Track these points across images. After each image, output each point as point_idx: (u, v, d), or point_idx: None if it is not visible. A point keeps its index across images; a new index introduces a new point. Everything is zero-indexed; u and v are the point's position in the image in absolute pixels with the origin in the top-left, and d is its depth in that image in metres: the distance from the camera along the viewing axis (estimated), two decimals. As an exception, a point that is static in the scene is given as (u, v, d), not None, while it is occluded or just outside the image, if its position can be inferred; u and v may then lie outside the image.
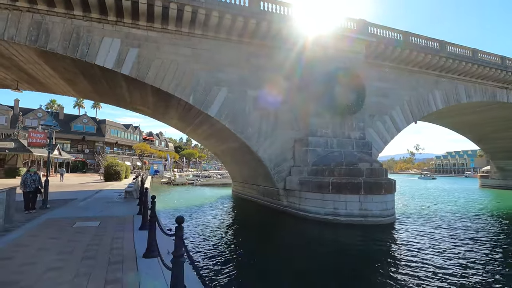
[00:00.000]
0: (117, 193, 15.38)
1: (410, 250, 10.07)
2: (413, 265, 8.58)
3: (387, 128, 21.04)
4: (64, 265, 4.10)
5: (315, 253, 10.30)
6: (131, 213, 8.84)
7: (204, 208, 19.99)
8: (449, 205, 22.60)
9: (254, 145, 16.92)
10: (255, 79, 17.37)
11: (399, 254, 9.81)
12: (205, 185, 43.06)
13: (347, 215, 14.10)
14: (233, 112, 16.60)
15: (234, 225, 15.10)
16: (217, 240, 11.45)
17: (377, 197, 14.15)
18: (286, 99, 18.05)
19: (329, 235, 12.61)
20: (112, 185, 21.22)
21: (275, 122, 17.62)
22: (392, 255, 9.83)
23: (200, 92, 15.97)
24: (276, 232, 13.69)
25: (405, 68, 21.93)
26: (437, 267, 8.39)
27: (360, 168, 14.66)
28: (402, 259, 9.15)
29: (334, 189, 14.35)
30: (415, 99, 22.48)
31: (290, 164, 17.78)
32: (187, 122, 21.09)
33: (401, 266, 8.49)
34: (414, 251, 9.93)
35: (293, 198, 16.61)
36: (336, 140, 17.32)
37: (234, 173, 26.30)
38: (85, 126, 50.91)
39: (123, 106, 23.31)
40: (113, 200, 12.41)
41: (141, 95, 18.34)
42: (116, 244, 5.29)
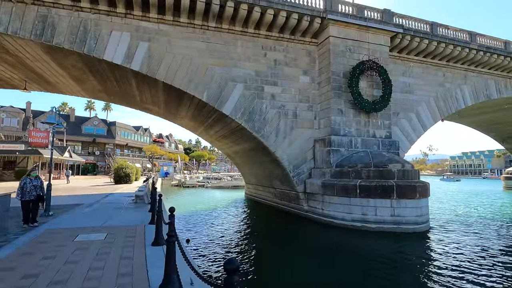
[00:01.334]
0: (127, 197, 14.44)
1: (458, 266, 8.69)
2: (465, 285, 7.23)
3: (413, 126, 19.54)
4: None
5: (344, 264, 9.03)
6: (142, 222, 7.78)
7: (217, 212, 18.90)
8: (486, 209, 20.84)
9: (272, 145, 15.74)
10: (273, 74, 16.22)
11: (444, 269, 8.44)
12: (216, 188, 42.10)
13: (377, 222, 12.75)
14: (249, 110, 15.47)
15: (251, 231, 13.94)
16: (233, 248, 10.30)
17: (411, 201, 12.75)
18: (305, 95, 16.84)
19: (358, 245, 11.28)
20: (122, 188, 20.39)
21: (294, 120, 16.41)
22: (436, 271, 8.46)
23: (214, 88, 14.92)
24: (298, 240, 12.46)
25: (431, 62, 20.41)
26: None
27: (391, 169, 13.29)
28: (449, 277, 7.80)
29: (362, 193, 13.03)
30: (442, 95, 20.91)
31: (310, 165, 16.52)
32: (199, 122, 20.09)
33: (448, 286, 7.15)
34: (463, 267, 8.55)
35: (315, 203, 15.34)
36: (361, 139, 15.97)
37: (247, 175, 25.17)
38: (96, 128, 50.72)
39: (133, 105, 22.50)
40: (122, 205, 11.43)
41: (151, 93, 17.41)
42: (124, 267, 4.20)
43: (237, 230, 14.03)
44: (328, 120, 16.02)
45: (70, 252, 4.88)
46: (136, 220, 8.09)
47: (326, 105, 16.28)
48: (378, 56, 16.84)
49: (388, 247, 10.84)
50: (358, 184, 13.14)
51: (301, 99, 16.73)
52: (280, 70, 16.39)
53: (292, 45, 16.74)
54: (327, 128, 16.01)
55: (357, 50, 16.71)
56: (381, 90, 16.61)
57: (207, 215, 17.60)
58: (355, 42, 16.67)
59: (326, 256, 10.11)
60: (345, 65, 16.30)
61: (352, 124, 16.15)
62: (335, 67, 16.08)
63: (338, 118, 15.87)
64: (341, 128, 15.87)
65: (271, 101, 16.04)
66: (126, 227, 7.10)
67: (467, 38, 20.46)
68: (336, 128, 15.75)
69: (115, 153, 51.57)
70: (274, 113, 16.00)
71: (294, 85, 16.64)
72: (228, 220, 16.33)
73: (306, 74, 16.97)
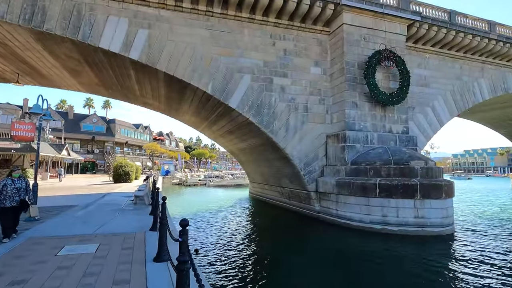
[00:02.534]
0: (126, 197, 13.37)
1: (496, 277, 7.60)
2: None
3: (429, 121, 18.42)
4: None
5: (369, 274, 7.95)
6: (142, 228, 6.70)
7: (223, 213, 17.82)
8: (510, 209, 19.73)
9: (281, 141, 14.64)
10: (282, 65, 15.08)
11: (483, 279, 7.36)
12: (218, 186, 41.07)
13: (399, 224, 11.67)
14: (257, 103, 14.36)
15: (261, 235, 12.87)
16: (245, 255, 9.22)
17: (437, 202, 11.65)
18: (316, 88, 15.72)
19: (381, 250, 10.17)
20: (121, 187, 19.31)
21: (304, 114, 15.30)
22: (474, 281, 7.38)
23: (219, 80, 13.80)
24: (313, 244, 11.38)
25: (448, 53, 19.25)
26: None
27: (414, 167, 12.19)
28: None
29: (382, 192, 11.93)
30: (459, 89, 19.77)
31: (322, 163, 15.42)
32: (202, 117, 18.98)
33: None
34: (502, 278, 7.46)
35: (328, 203, 14.25)
36: (377, 134, 14.86)
37: (252, 173, 24.08)
38: (95, 125, 49.61)
39: (132, 100, 21.38)
40: (120, 207, 10.34)
41: (151, 86, 16.29)
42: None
43: (246, 233, 12.95)
44: (341, 114, 14.89)
45: (48, 273, 3.78)
46: (135, 226, 7.01)
47: (339, 98, 15.16)
48: (394, 46, 15.69)
49: (415, 253, 9.75)
50: (377, 183, 12.04)
51: (312, 92, 15.61)
52: (290, 60, 15.26)
53: (303, 34, 15.60)
54: (341, 123, 14.89)
55: (372, 39, 15.57)
56: (398, 82, 15.49)
57: (213, 217, 16.53)
58: (370, 31, 15.53)
59: (348, 263, 9.03)
60: (360, 55, 15.17)
61: (368, 119, 15.03)
62: (349, 57, 14.95)
63: (352, 112, 14.75)
64: (356, 123, 14.75)
65: (280, 93, 14.92)
66: (123, 235, 6.01)
67: (486, 28, 19.29)
68: (350, 123, 14.63)
69: (114, 151, 50.49)
70: (283, 107, 14.88)
71: (305, 76, 15.52)
72: (236, 222, 15.25)
73: (317, 65, 15.84)
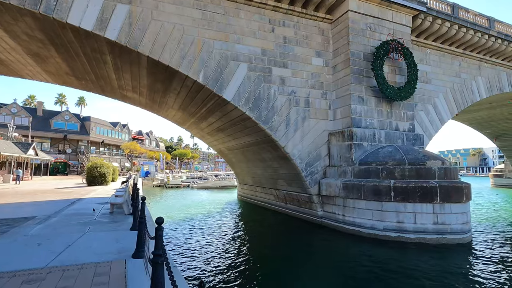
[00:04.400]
0: (101, 204, 11.26)
1: None
2: None
3: (431, 119, 17.58)
4: None
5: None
6: (122, 252, 4.88)
7: (212, 219, 16.00)
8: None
9: (282, 139, 13.09)
10: (282, 54, 13.55)
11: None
12: (203, 188, 38.97)
13: (416, 231, 10.44)
14: (254, 96, 12.73)
15: (260, 246, 11.22)
16: (244, 274, 7.56)
17: (457, 206, 10.54)
18: (318, 81, 14.32)
19: (402, 262, 8.84)
20: (95, 191, 16.97)
21: (306, 110, 13.85)
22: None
23: (212, 67, 12.03)
24: (318, 254, 9.91)
25: (448, 49, 18.56)
26: None
27: (430, 167, 11.02)
28: None
29: (398, 196, 10.66)
30: (459, 87, 19.15)
31: (324, 163, 14.04)
32: (190, 113, 17.06)
33: None
34: None
35: (334, 207, 12.86)
36: (384, 132, 13.68)
37: (243, 174, 22.38)
38: (67, 123, 45.83)
39: (109, 93, 19.04)
40: (92, 218, 8.33)
41: (132, 75, 14.21)
42: None
43: (242, 244, 11.25)
44: (347, 109, 13.56)
45: None
46: (112, 249, 5.16)
47: (343, 92, 13.83)
48: (400, 37, 14.63)
49: (441, 265, 8.49)
50: (392, 186, 10.76)
51: (314, 85, 14.20)
52: (290, 49, 13.76)
53: (304, 21, 14.15)
54: (346, 119, 13.56)
55: (378, 29, 14.41)
56: (405, 76, 14.43)
57: (201, 223, 14.68)
58: (375, 20, 14.36)
59: (366, 279, 7.59)
60: (366, 45, 13.94)
61: (374, 115, 13.82)
62: (355, 48, 13.67)
63: (359, 107, 13.47)
64: (362, 119, 13.48)
65: (280, 86, 13.37)
66: (94, 267, 4.17)
67: (486, 24, 18.78)
68: (357, 119, 13.34)
69: (89, 151, 46.94)
70: (283, 101, 13.34)
71: (306, 68, 14.08)
72: (228, 231, 13.50)
73: (319, 56, 14.45)
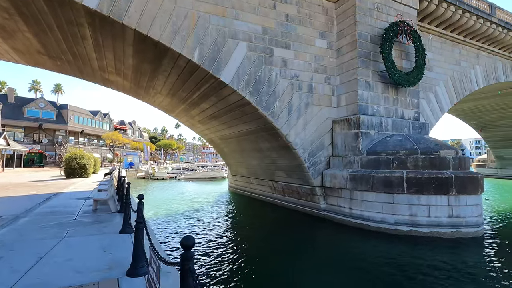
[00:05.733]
0: (82, 200, 9.89)
1: None
2: None
3: (432, 108, 17.05)
4: None
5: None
6: (113, 269, 3.73)
7: (204, 213, 14.88)
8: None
9: (284, 126, 12.05)
10: (284, 34, 12.37)
11: None
12: (190, 179, 37.60)
13: (430, 225, 9.79)
14: (255, 79, 11.55)
15: (260, 241, 10.25)
16: (248, 274, 6.59)
17: (472, 198, 9.95)
18: (322, 64, 13.30)
19: (415, 257, 8.13)
20: (75, 185, 15.41)
21: (309, 95, 12.83)
22: None
23: (208, 45, 10.71)
24: (323, 250, 9.08)
25: (449, 36, 17.97)
26: None
27: (445, 157, 10.35)
28: None
29: (411, 187, 9.94)
30: (458, 75, 18.70)
31: (328, 153, 13.16)
32: (180, 98, 15.63)
33: None
34: None
35: (339, 200, 12.06)
36: (391, 120, 12.92)
37: (236, 165, 21.27)
38: (42, 111, 42.73)
39: (88, 76, 17.21)
40: (72, 218, 7.03)
41: (115, 54, 12.61)
42: None
43: (241, 239, 10.24)
44: (352, 95, 12.65)
45: None
46: (98, 262, 3.98)
47: (349, 77, 12.89)
48: (408, 18, 13.78)
49: (459, 261, 7.84)
50: (405, 177, 10.02)
51: (317, 69, 13.16)
52: (293, 29, 12.59)
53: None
54: (352, 106, 12.66)
55: (385, 10, 13.47)
56: (412, 61, 13.66)
57: (193, 218, 13.54)
58: (382, 0, 13.41)
59: (381, 277, 6.80)
60: (373, 27, 12.99)
61: (381, 102, 13.01)
62: (362, 28, 12.69)
63: (365, 93, 12.59)
64: (369, 106, 12.63)
65: (282, 68, 12.24)
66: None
67: (488, 11, 18.30)
68: (363, 106, 12.47)
69: (67, 141, 44.19)
70: (286, 85, 12.25)
71: (309, 50, 12.99)
72: (224, 226, 12.46)
73: (323, 37, 13.38)
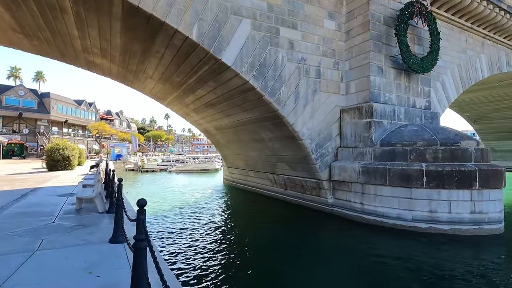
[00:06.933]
0: (64, 196, 8.65)
1: None
2: None
3: (439, 98, 16.33)
4: None
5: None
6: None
7: (201, 209, 13.82)
8: None
9: (290, 115, 11.01)
10: (291, 12, 11.21)
11: None
12: (182, 172, 36.33)
13: (451, 222, 9.06)
14: (259, 61, 10.40)
15: (264, 239, 9.31)
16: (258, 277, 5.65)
17: (496, 192, 9.26)
18: (330, 48, 12.24)
19: (439, 258, 7.38)
20: (57, 178, 14.03)
21: (316, 81, 11.79)
22: None
23: (208, 22, 9.46)
24: (336, 248, 8.23)
25: (457, 22, 17.16)
26: None
27: (466, 148, 9.57)
28: None
29: (431, 181, 9.15)
30: (464, 64, 18.02)
31: (335, 143, 12.25)
32: (174, 84, 14.30)
33: None
34: None
35: (348, 194, 11.21)
36: (404, 109, 12.07)
37: (232, 157, 20.18)
38: (22, 99, 40.18)
39: (71, 59, 15.57)
40: (51, 219, 5.85)
41: (101, 31, 11.15)
42: None
43: (242, 237, 9.27)
44: (364, 81, 11.69)
45: None
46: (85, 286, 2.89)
47: (360, 62, 11.89)
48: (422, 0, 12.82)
49: (487, 261, 7.13)
50: (425, 170, 9.21)
51: (326, 52, 12.10)
52: (300, 7, 11.43)
53: (315, -26, 11.81)
54: (363, 93, 11.72)
55: (399, -11, 12.46)
56: (425, 46, 12.80)
57: (189, 214, 12.46)
58: (396, -22, 12.37)
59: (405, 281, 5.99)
60: (386, 7, 11.98)
61: (393, 89, 12.11)
62: (375, 8, 11.65)
63: (377, 80, 11.65)
64: (381, 93, 11.72)
65: (288, 51, 11.11)
66: None
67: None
68: (375, 93, 11.54)
69: (50, 132, 41.91)
70: (292, 69, 11.15)
71: (317, 31, 11.89)
72: (224, 224, 11.45)
73: (332, 18, 12.29)
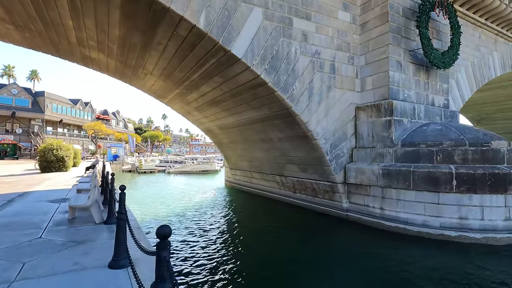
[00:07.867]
0: (56, 203, 7.73)
1: None
2: None
3: (453, 96, 15.60)
4: None
5: None
6: None
7: (205, 215, 12.94)
8: None
9: (304, 112, 10.17)
10: (305, 2, 10.39)
11: None
12: (181, 173, 35.36)
13: (484, 230, 8.28)
14: (272, 54, 9.56)
15: (272, 245, 8.45)
16: None
17: (531, 197, 8.50)
18: (345, 41, 11.43)
19: (481, 275, 6.59)
20: (50, 181, 13.05)
21: (331, 76, 10.98)
22: None
23: (217, 9, 8.60)
24: (356, 258, 7.41)
25: (471, 17, 16.49)
26: None
27: (498, 149, 8.80)
28: None
29: (461, 185, 8.36)
30: (478, 61, 17.35)
31: (351, 144, 11.43)
32: (176, 80, 13.40)
33: None
34: None
35: (366, 198, 10.39)
36: (424, 107, 11.30)
37: (236, 158, 19.30)
38: (16, 98, 38.94)
39: (65, 54, 14.60)
40: (39, 232, 4.95)
41: (98, 21, 10.23)
42: None
43: (256, 250, 8.41)
44: (382, 77, 10.90)
45: None
46: None
47: (378, 56, 11.10)
48: (439, -7, 12.08)
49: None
50: (454, 172, 8.42)
51: (340, 46, 11.29)
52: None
53: (330, -38, 11.01)
54: (381, 89, 10.92)
55: (417, -20, 11.70)
56: (444, 41, 12.05)
57: (191, 221, 11.57)
58: (414, -32, 11.62)
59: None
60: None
61: (412, 86, 11.34)
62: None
63: (397, 75, 10.87)
64: (400, 90, 10.94)
65: (302, 43, 10.28)
66: None
67: (512, -9, 16.90)
68: (394, 89, 10.75)
69: (44, 131, 40.71)
70: (306, 63, 10.33)
71: (332, 23, 11.08)
72: (231, 228, 10.58)
73: (347, 9, 11.49)
